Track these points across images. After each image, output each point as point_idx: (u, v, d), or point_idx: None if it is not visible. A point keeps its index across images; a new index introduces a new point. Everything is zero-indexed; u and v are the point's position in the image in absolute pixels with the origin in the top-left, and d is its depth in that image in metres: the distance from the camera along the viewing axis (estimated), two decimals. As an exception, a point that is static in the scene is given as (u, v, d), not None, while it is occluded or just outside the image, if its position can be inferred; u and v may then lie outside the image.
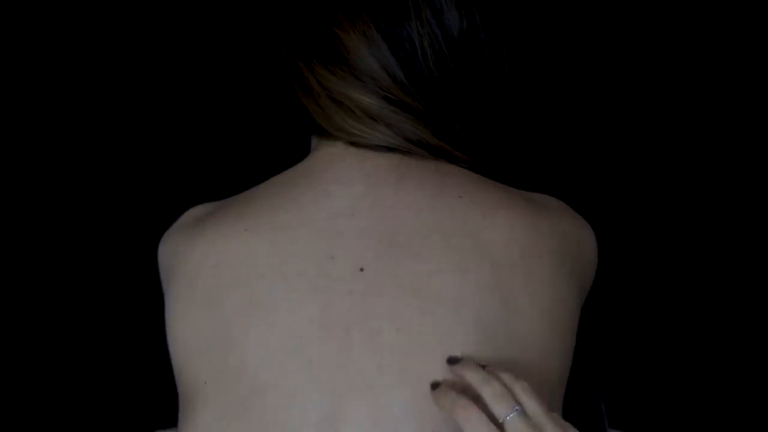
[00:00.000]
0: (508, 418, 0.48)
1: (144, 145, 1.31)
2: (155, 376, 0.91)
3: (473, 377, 0.50)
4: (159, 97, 1.31)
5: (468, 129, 0.62)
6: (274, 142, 1.21)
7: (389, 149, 0.59)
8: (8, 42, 1.27)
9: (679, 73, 1.30)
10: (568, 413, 0.59)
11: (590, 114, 1.31)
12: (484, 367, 0.51)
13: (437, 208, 0.56)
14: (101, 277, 1.28)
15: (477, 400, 0.48)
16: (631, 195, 1.30)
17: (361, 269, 0.54)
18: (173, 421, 0.60)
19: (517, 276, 0.54)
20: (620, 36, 1.30)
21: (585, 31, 1.30)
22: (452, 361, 0.52)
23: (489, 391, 0.49)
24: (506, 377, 0.50)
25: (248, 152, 1.30)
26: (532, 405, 0.49)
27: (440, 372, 0.51)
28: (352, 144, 0.60)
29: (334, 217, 0.55)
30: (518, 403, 0.49)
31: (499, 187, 0.61)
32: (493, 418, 0.48)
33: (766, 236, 1.26)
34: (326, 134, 0.61)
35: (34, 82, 1.29)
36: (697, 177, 1.29)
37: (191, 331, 0.56)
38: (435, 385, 0.51)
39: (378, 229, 0.55)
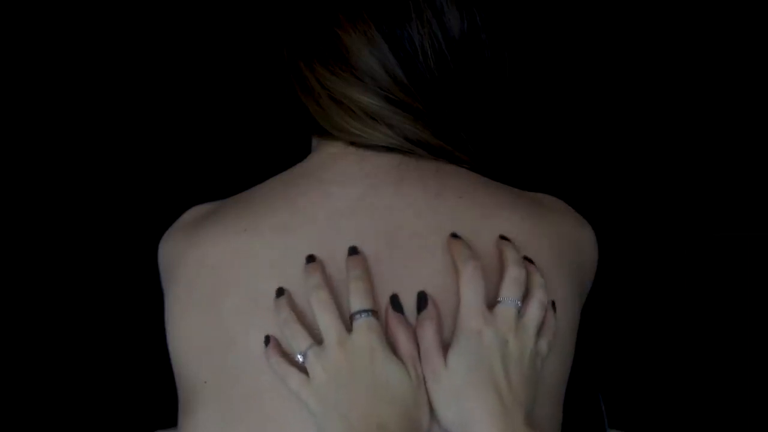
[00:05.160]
0: (503, 302, 0.51)
1: (144, 145, 1.31)
2: (155, 376, 0.91)
3: (512, 255, 0.52)
4: (159, 97, 1.31)
5: (468, 129, 0.62)
6: (274, 142, 1.21)
7: (389, 149, 0.59)
8: (8, 42, 1.27)
9: (679, 73, 1.30)
10: (568, 413, 0.59)
11: (590, 114, 1.31)
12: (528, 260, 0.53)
13: (438, 208, 0.56)
14: (101, 277, 1.28)
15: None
16: (631, 195, 1.30)
17: (363, 270, 0.54)
18: (173, 421, 0.60)
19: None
20: (620, 36, 1.30)
21: (585, 31, 1.30)
22: (504, 237, 0.54)
23: (514, 273, 0.52)
24: (537, 279, 0.52)
25: (248, 152, 1.30)
26: (533, 314, 0.51)
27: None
28: (353, 144, 0.60)
29: (334, 217, 0.55)
30: (526, 304, 0.51)
31: (499, 187, 0.61)
32: (493, 298, 0.51)
33: (766, 236, 1.26)
34: (327, 134, 0.61)
35: (34, 82, 1.29)
36: (697, 177, 1.29)
37: (191, 331, 0.56)
38: (455, 236, 0.53)
39: (378, 229, 0.55)
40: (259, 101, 1.31)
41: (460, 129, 0.61)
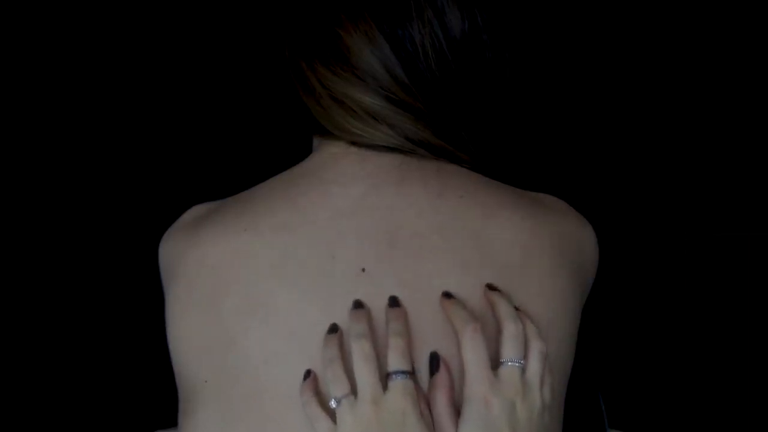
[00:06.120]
0: (508, 364, 0.50)
1: (144, 145, 1.31)
2: (155, 376, 0.91)
3: (505, 309, 0.51)
4: (159, 97, 1.31)
5: (469, 129, 0.62)
6: (275, 142, 1.21)
7: (390, 149, 0.59)
8: (8, 42, 1.27)
9: (679, 73, 1.30)
10: (568, 413, 0.59)
11: (590, 114, 1.31)
12: (516, 308, 0.52)
13: (439, 208, 0.56)
14: (101, 277, 1.28)
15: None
16: (631, 195, 1.30)
17: (363, 269, 0.54)
18: (173, 421, 0.60)
19: (517, 277, 0.54)
20: (620, 36, 1.30)
21: (585, 32, 1.30)
22: (491, 287, 0.53)
23: (511, 329, 0.51)
24: (531, 329, 0.51)
25: (248, 152, 1.30)
26: (535, 368, 0.51)
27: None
28: (354, 144, 0.60)
29: (334, 217, 0.55)
30: (526, 358, 0.50)
31: (500, 187, 0.61)
32: (495, 357, 0.50)
33: (766, 236, 1.26)
34: (328, 134, 0.61)
35: (34, 82, 1.29)
36: (697, 177, 1.29)
37: (191, 330, 0.56)
38: (448, 295, 0.52)
39: (379, 229, 0.55)
40: (259, 101, 1.31)
41: (461, 129, 0.61)
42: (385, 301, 0.52)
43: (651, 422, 1.25)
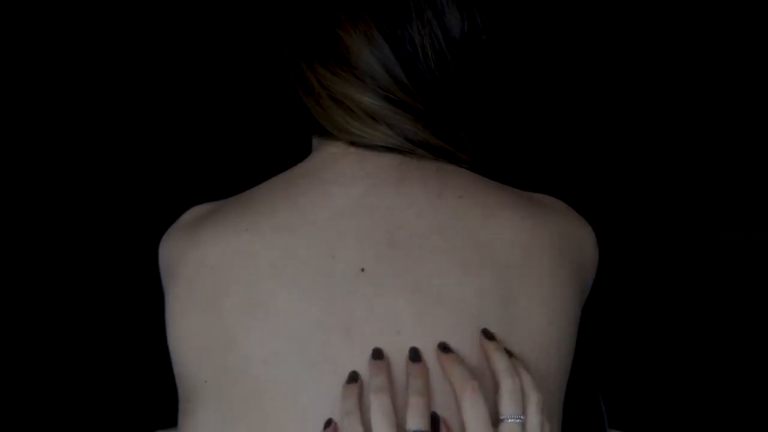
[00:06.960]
0: (508, 421, 0.49)
1: (144, 145, 1.31)
2: (155, 376, 0.91)
3: (500, 363, 0.50)
4: (159, 97, 1.31)
5: (469, 129, 0.62)
6: (275, 142, 1.21)
7: (390, 149, 0.59)
8: (8, 42, 1.27)
9: (679, 73, 1.30)
10: (568, 413, 0.59)
11: (590, 115, 1.31)
12: (510, 355, 0.51)
13: (438, 208, 0.56)
14: (101, 277, 1.28)
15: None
16: (631, 195, 1.30)
17: (362, 269, 0.54)
18: (173, 421, 0.60)
19: (517, 277, 0.54)
20: (620, 36, 1.30)
21: (585, 31, 1.30)
22: (487, 335, 0.52)
23: (508, 384, 0.49)
24: (527, 381, 0.50)
25: (248, 152, 1.30)
26: (535, 421, 0.50)
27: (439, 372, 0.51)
28: (353, 144, 0.60)
29: (334, 217, 0.55)
30: (525, 412, 0.49)
31: (500, 187, 0.61)
32: (494, 412, 0.49)
33: (766, 236, 1.26)
34: (327, 134, 0.61)
35: (34, 82, 1.29)
36: (697, 177, 1.29)
37: (191, 330, 0.56)
38: (445, 348, 0.51)
39: (379, 229, 0.55)
40: (259, 101, 1.31)
41: (461, 129, 0.61)
42: (385, 302, 0.52)
43: (651, 422, 1.25)
